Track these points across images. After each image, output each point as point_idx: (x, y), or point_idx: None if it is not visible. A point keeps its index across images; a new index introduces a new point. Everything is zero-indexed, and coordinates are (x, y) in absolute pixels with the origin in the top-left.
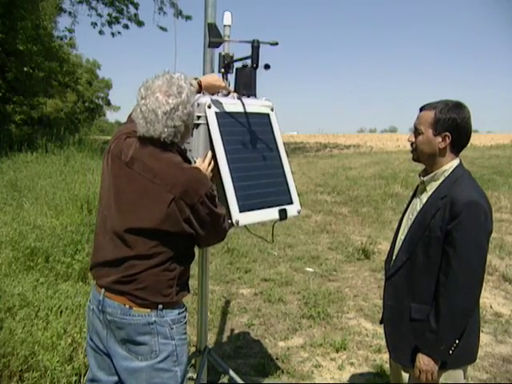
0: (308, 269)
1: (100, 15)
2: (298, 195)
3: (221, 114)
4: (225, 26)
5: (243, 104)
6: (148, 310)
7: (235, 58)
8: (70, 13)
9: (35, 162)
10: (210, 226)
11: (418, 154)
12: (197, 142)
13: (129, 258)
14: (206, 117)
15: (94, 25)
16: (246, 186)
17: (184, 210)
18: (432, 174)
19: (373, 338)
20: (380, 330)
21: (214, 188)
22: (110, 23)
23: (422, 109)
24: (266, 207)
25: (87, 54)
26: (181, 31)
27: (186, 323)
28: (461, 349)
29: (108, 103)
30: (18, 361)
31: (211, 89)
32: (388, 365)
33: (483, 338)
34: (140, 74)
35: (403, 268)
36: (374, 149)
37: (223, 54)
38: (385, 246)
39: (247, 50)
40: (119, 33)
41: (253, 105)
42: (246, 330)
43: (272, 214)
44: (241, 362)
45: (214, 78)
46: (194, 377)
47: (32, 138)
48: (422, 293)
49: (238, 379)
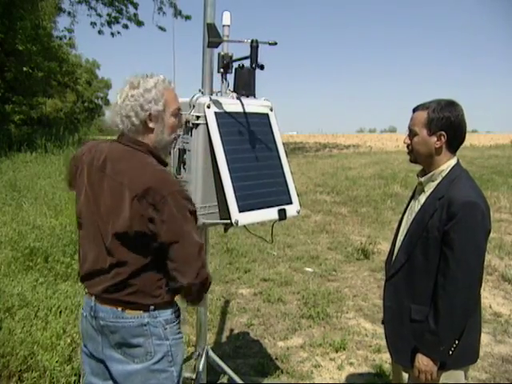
0: (307, 269)
1: (99, 15)
2: (298, 195)
3: (220, 114)
4: (224, 25)
5: (242, 104)
6: (140, 311)
7: (234, 58)
8: (69, 13)
9: (34, 162)
10: (173, 232)
11: (414, 155)
12: (196, 142)
13: (114, 266)
14: (205, 117)
15: (93, 25)
16: (245, 186)
17: (147, 209)
18: (429, 174)
19: (372, 337)
20: (379, 329)
21: (184, 196)
22: (110, 23)
23: (414, 110)
24: (265, 207)
25: (87, 54)
26: (180, 31)
27: (179, 323)
28: (461, 349)
29: (107, 103)
30: (18, 361)
31: None
32: (387, 365)
33: (483, 337)
34: (139, 74)
35: (402, 269)
36: (374, 149)
37: (222, 53)
38: (384, 246)
39: (246, 50)
40: (119, 33)
41: (252, 105)
42: (246, 329)
43: (271, 214)
44: (240, 361)
45: None
46: (194, 377)
47: (31, 138)
48: (422, 294)
49: (237, 379)
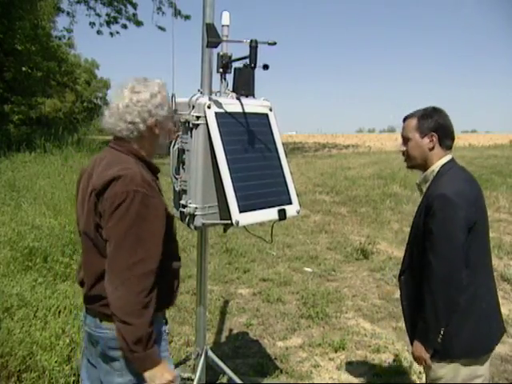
0: (307, 269)
1: (98, 15)
2: (297, 195)
3: (220, 114)
4: (223, 25)
5: (242, 104)
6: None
7: (233, 58)
8: (68, 13)
9: (34, 162)
10: (113, 231)
11: (411, 160)
12: (196, 142)
13: (90, 275)
14: (205, 117)
15: (92, 25)
16: (245, 187)
17: (102, 203)
18: (423, 175)
19: (371, 337)
20: (379, 329)
21: (145, 202)
22: (109, 23)
23: (404, 120)
24: (265, 207)
25: (86, 54)
26: (179, 31)
27: (164, 340)
28: (453, 342)
29: (107, 103)
30: (16, 361)
31: None
32: (387, 364)
33: None
34: (138, 74)
35: (408, 268)
36: (373, 149)
37: (221, 53)
38: (383, 246)
39: (245, 50)
40: (118, 33)
41: (251, 105)
42: (245, 330)
43: (271, 214)
44: (239, 362)
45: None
46: (193, 377)
47: (30, 138)
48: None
49: (236, 379)
